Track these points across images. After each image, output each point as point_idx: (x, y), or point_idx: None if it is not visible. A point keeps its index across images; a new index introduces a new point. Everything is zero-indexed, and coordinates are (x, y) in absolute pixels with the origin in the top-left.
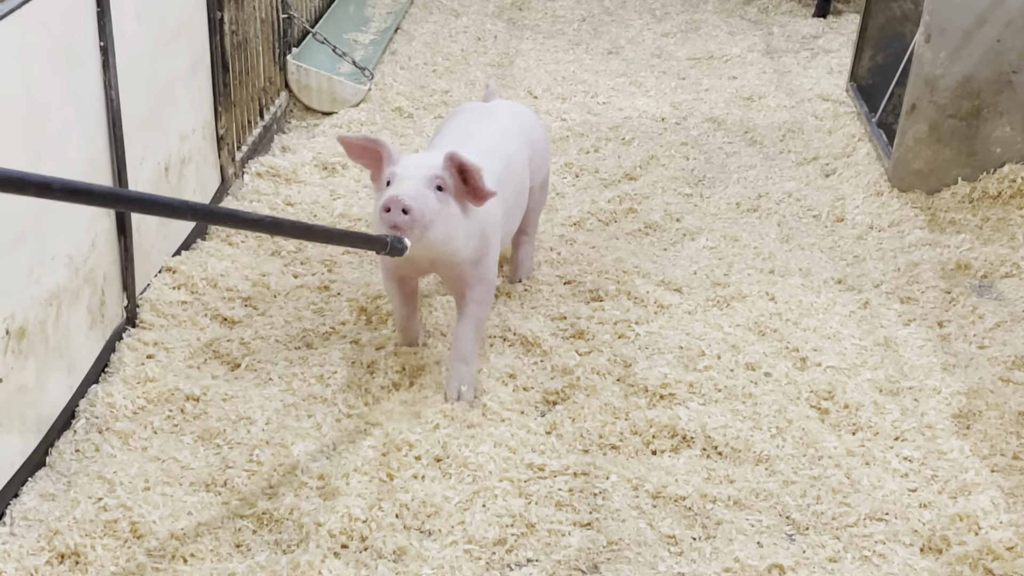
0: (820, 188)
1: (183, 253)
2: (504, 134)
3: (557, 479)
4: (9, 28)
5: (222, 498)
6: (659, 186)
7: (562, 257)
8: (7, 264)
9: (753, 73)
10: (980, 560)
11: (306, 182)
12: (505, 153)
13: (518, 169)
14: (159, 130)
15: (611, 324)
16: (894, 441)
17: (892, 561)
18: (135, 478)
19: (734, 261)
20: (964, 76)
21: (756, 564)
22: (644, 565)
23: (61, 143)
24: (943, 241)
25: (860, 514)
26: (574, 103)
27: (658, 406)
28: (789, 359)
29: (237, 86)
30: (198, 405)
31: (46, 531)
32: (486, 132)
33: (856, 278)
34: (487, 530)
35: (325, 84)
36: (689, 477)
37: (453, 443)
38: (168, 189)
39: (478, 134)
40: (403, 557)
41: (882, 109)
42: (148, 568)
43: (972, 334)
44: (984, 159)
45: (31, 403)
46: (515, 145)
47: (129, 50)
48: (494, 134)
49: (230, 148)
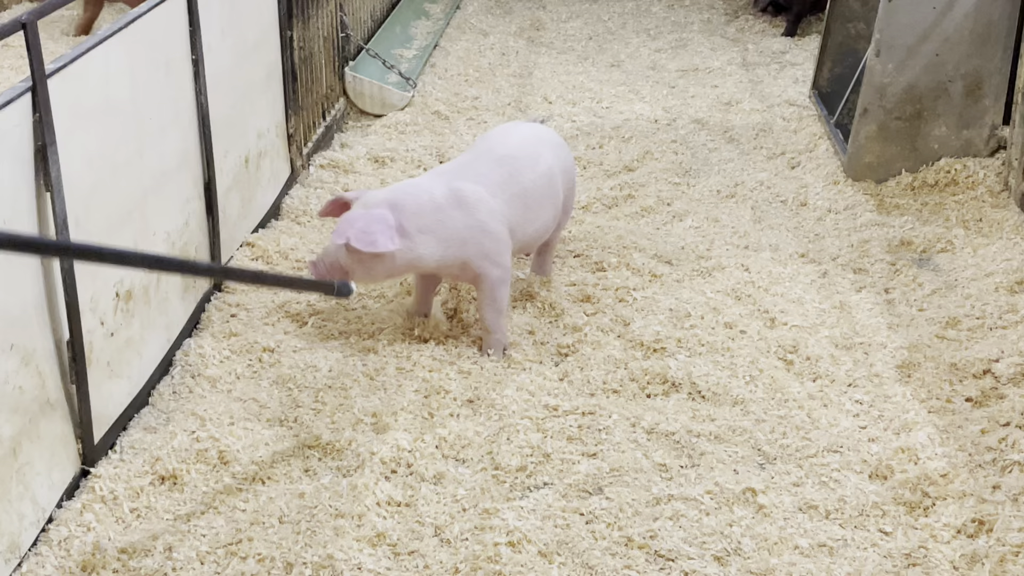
0: (787, 178)
1: (260, 231)
2: (529, 143)
3: (568, 417)
4: (119, 43)
5: (293, 431)
6: (653, 176)
7: (572, 235)
8: (117, 238)
9: (731, 82)
10: (919, 485)
11: (361, 172)
12: (513, 162)
13: (540, 173)
14: (240, 129)
15: (613, 290)
16: (847, 387)
17: (845, 485)
18: (222, 415)
19: (715, 238)
20: (908, 84)
21: (733, 487)
22: (640, 488)
23: (160, 139)
24: (889, 222)
25: (819, 447)
26: (582, 107)
27: (652, 358)
28: (761, 319)
29: (304, 93)
30: (273, 355)
31: (149, 458)
32: (506, 142)
33: (817, 252)
34: (510, 459)
35: (376, 91)
36: (677, 416)
37: (482, 388)
38: (247, 178)
39: (498, 144)
40: (442, 480)
41: (839, 112)
42: (233, 488)
43: (913, 299)
44: (924, 154)
45: (136, 353)
46: (540, 152)
47: (216, 62)
48: (515, 143)
49: (298, 144)
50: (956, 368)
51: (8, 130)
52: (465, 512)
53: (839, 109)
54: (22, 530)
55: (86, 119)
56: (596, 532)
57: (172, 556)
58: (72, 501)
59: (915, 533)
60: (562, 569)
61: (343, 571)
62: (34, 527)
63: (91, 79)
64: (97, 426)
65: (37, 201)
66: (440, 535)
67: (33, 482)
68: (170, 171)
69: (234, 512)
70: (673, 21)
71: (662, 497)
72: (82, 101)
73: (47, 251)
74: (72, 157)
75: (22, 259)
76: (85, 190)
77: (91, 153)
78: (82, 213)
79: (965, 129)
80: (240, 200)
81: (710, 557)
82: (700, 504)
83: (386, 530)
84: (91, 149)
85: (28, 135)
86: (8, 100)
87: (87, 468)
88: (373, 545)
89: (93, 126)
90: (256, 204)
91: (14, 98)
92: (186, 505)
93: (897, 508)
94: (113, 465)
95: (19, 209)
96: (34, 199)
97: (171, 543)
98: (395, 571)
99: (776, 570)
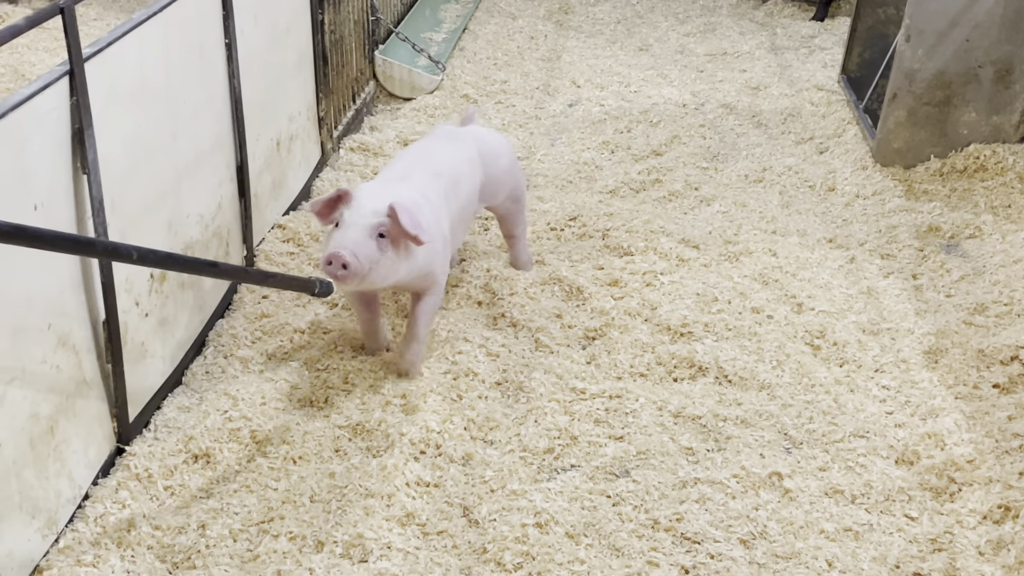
0: (815, 163)
1: (291, 213)
2: (458, 161)
3: (596, 400)
4: (154, 27)
5: (323, 412)
6: (681, 160)
7: (600, 219)
8: (151, 221)
9: (760, 67)
10: (945, 471)
11: (390, 155)
12: (453, 174)
13: (465, 188)
14: (272, 112)
15: (640, 274)
16: (874, 372)
17: (871, 470)
18: (254, 395)
19: (743, 223)
20: (938, 70)
21: (759, 471)
22: (666, 471)
23: (194, 122)
24: (917, 208)
25: (845, 432)
26: (610, 91)
27: (679, 342)
28: (788, 304)
29: (335, 76)
30: (303, 336)
31: (183, 436)
32: (440, 155)
33: (844, 238)
34: (538, 441)
35: (406, 75)
36: (704, 400)
37: (510, 370)
38: (279, 161)
39: (432, 156)
40: (470, 461)
41: (868, 97)
42: (265, 467)
43: (941, 285)
44: (953, 140)
45: (170, 334)
46: (467, 171)
47: (248, 46)
48: (447, 159)
49: (329, 127)
50: (983, 354)
51: (46, 113)
52: (493, 493)
53: (868, 94)
54: (59, 506)
55: (122, 102)
56: (623, 514)
57: (205, 533)
58: (108, 478)
59: (941, 519)
60: (589, 550)
61: (373, 550)
62: (71, 504)
63: (127, 63)
64: (132, 405)
65: (74, 183)
66: (468, 515)
67: (70, 459)
68: (203, 154)
69: (266, 491)
70: (702, 5)
71: (688, 480)
72: (118, 84)
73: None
74: (108, 140)
75: None
76: (121, 172)
77: (127, 136)
78: (118, 195)
79: (995, 115)
80: (272, 183)
81: (736, 540)
82: (726, 488)
83: (415, 510)
84: (127, 132)
85: (66, 118)
86: (47, 83)
87: (122, 446)
88: (402, 524)
89: (129, 109)
90: (287, 187)
91: (52, 81)
92: (219, 483)
93: (923, 493)
94: (147, 443)
95: (56, 191)
96: (71, 181)
97: (204, 520)
98: (424, 550)
99: (802, 554)
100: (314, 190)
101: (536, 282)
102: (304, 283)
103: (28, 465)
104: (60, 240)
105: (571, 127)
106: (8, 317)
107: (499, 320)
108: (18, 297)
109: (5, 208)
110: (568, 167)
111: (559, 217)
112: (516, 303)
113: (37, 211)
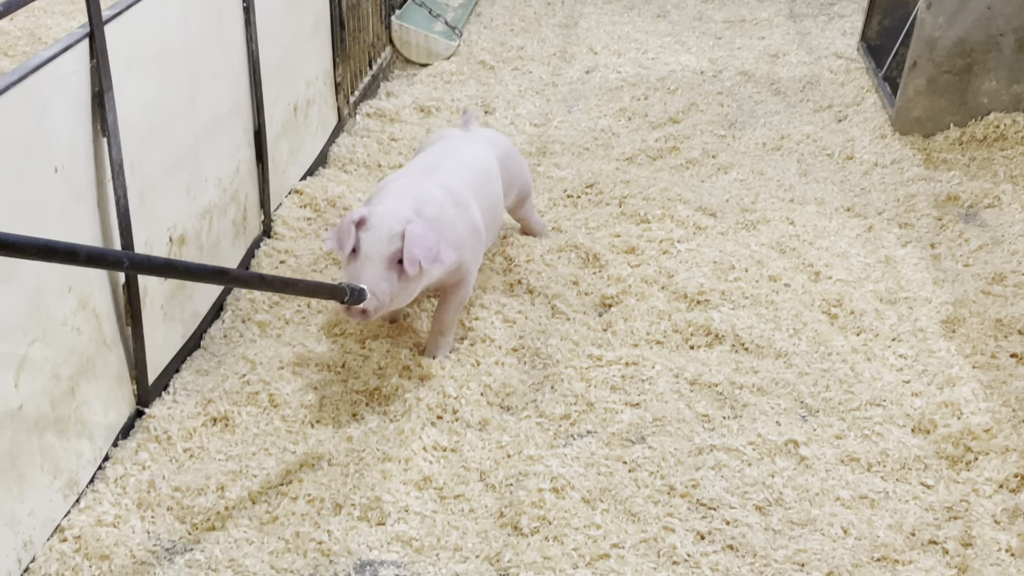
0: (833, 131)
1: (308, 178)
2: (483, 159)
3: (612, 367)
4: None
5: (341, 377)
6: (698, 128)
7: (617, 186)
8: (171, 184)
9: (778, 34)
10: (961, 439)
11: (406, 122)
12: (483, 168)
13: (495, 186)
14: (289, 77)
15: (657, 242)
16: (891, 341)
17: (888, 439)
18: (272, 359)
19: (760, 191)
20: (958, 38)
21: (775, 439)
22: (683, 438)
23: (212, 86)
24: (936, 177)
25: (862, 400)
26: (628, 58)
27: (695, 309)
28: (805, 272)
29: (351, 41)
30: (321, 302)
31: (201, 399)
32: (465, 151)
33: (862, 206)
34: (554, 407)
35: (422, 40)
36: (720, 368)
37: (527, 337)
38: (296, 126)
39: (459, 150)
40: (486, 427)
41: (887, 65)
42: (283, 431)
43: (959, 254)
44: (973, 108)
45: (189, 297)
46: (492, 167)
47: (266, 10)
48: (473, 154)
49: (345, 93)
50: (1001, 324)
51: (66, 75)
52: (510, 458)
53: (887, 62)
54: (80, 467)
55: (141, 65)
56: (639, 480)
57: (224, 495)
58: (127, 440)
59: (957, 487)
60: (605, 515)
61: (390, 512)
62: (91, 464)
63: (146, 25)
64: (151, 368)
65: (94, 146)
66: (485, 480)
67: (90, 421)
68: (222, 118)
69: (284, 454)
70: None
71: (704, 447)
72: (138, 47)
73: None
74: (128, 103)
75: (79, 202)
76: (140, 136)
77: (146, 99)
78: (137, 158)
79: (1015, 83)
80: (289, 148)
81: (752, 507)
82: (742, 455)
83: (432, 474)
84: (146, 95)
85: (86, 81)
86: (66, 46)
87: (142, 408)
88: (419, 488)
89: (148, 72)
90: (304, 152)
91: (72, 44)
92: (237, 446)
93: (939, 462)
94: (167, 406)
95: (77, 154)
96: (91, 144)
97: (223, 482)
98: (441, 514)
99: (817, 520)
100: (331, 156)
101: (553, 249)
102: (332, 289)
103: (49, 426)
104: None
105: (588, 94)
106: (29, 279)
107: (516, 287)
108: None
109: (27, 170)
110: (585, 134)
111: (576, 184)
112: (533, 270)
113: (58, 173)
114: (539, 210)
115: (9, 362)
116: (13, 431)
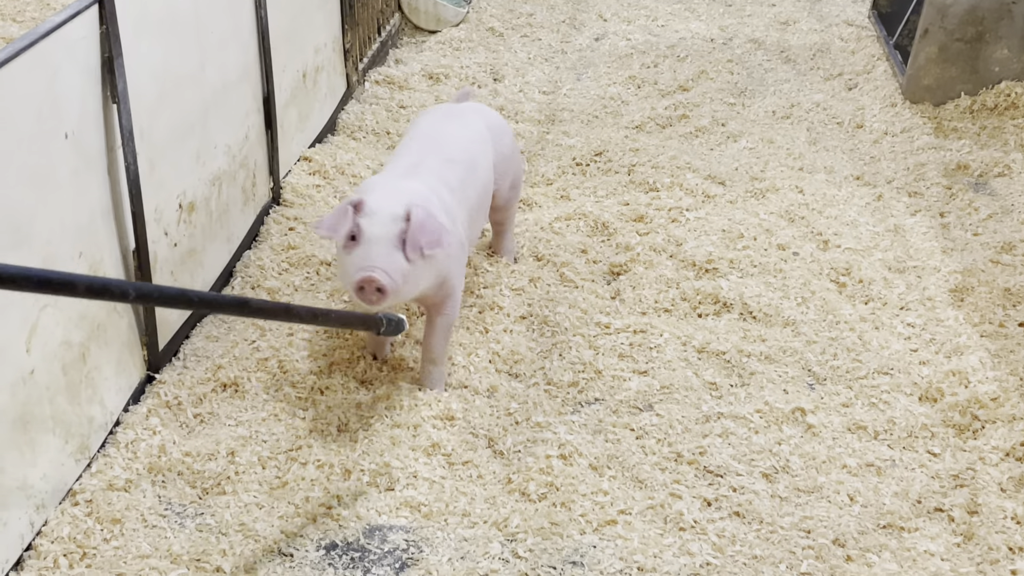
0: (843, 100)
1: (317, 145)
2: (469, 141)
3: (620, 335)
4: None
5: (350, 343)
6: (708, 96)
7: (626, 154)
8: (180, 151)
9: (789, 1)
10: (968, 408)
11: (415, 89)
12: (469, 159)
13: (482, 174)
14: (298, 43)
15: (666, 210)
16: (900, 310)
17: (895, 407)
18: (281, 325)
19: (769, 160)
20: (970, 5)
21: (782, 407)
22: (690, 405)
23: (221, 53)
24: (946, 145)
25: (870, 369)
26: (637, 25)
27: (704, 278)
28: (813, 241)
29: (360, 8)
30: (330, 269)
31: (212, 365)
32: (451, 138)
33: (872, 175)
34: (563, 374)
35: (431, 7)
36: (728, 336)
37: (536, 305)
38: (305, 93)
39: (443, 139)
40: (495, 394)
41: (899, 33)
42: (292, 397)
43: (968, 223)
44: (984, 76)
45: (198, 263)
46: (479, 150)
47: None
48: (459, 141)
49: (354, 60)
50: (1010, 293)
51: (76, 41)
52: (518, 425)
53: (899, 30)
54: (91, 432)
55: (151, 32)
56: (646, 447)
57: (235, 460)
58: (138, 405)
59: (963, 455)
60: (612, 482)
61: (399, 478)
62: (102, 429)
63: None
64: (161, 333)
65: (104, 112)
66: (493, 447)
67: (101, 386)
68: (231, 85)
69: (294, 420)
70: None
71: (712, 415)
72: (147, 14)
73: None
74: (138, 69)
75: (89, 168)
76: (150, 102)
77: (155, 65)
78: (146, 125)
79: None
80: (298, 115)
81: (758, 474)
82: (749, 422)
83: (441, 441)
84: (156, 62)
85: (95, 47)
86: (76, 12)
87: (152, 374)
88: (428, 455)
89: (158, 39)
90: (313, 119)
91: (82, 10)
92: (247, 412)
93: (946, 430)
94: (177, 372)
95: (87, 120)
96: (101, 110)
97: (233, 448)
98: (449, 480)
99: (824, 487)
100: (339, 123)
101: (561, 217)
102: (366, 320)
103: (60, 391)
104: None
105: (597, 61)
106: (40, 244)
107: (524, 254)
108: (50, 224)
109: (38, 136)
110: (594, 102)
111: (585, 152)
112: (541, 237)
113: (68, 140)
114: (547, 179)
115: (21, 327)
116: (25, 396)
